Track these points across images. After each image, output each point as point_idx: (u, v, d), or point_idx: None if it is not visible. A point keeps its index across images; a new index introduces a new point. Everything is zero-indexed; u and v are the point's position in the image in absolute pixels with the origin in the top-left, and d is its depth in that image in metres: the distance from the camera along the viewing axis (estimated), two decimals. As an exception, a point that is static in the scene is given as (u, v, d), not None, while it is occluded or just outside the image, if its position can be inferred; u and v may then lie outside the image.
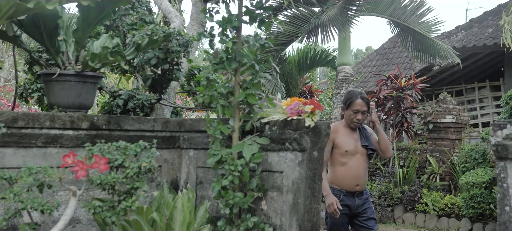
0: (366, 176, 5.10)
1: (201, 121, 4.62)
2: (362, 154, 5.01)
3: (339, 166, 4.98)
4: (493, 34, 13.76)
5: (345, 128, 5.04)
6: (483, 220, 10.03)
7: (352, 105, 4.95)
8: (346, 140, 4.97)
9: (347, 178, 4.95)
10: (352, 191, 4.96)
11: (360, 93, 5.02)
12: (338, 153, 4.96)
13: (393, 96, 12.59)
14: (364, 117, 4.98)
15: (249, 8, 4.00)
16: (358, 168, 4.97)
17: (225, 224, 4.01)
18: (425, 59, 12.98)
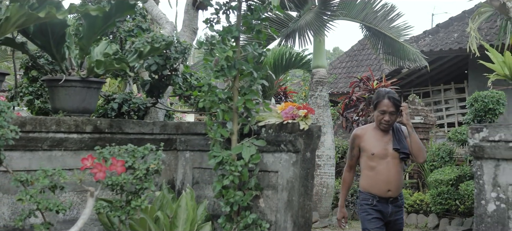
0: (400, 181, 4.69)
1: (198, 124, 4.88)
2: (393, 157, 4.59)
3: (368, 170, 4.68)
4: (458, 39, 14.29)
5: (375, 130, 4.68)
6: (449, 216, 10.48)
7: (379, 106, 4.62)
8: (374, 142, 4.62)
9: (378, 183, 4.60)
10: (385, 197, 4.59)
11: (388, 92, 4.67)
12: (365, 157, 4.67)
13: (365, 98, 13.01)
14: (393, 118, 4.60)
15: (247, 19, 4.27)
16: (389, 172, 4.56)
17: (225, 221, 4.27)
18: (395, 62, 13.38)
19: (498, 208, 3.38)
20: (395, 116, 4.61)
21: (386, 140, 4.63)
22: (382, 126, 4.60)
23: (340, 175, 13.14)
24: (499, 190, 3.38)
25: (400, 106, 4.61)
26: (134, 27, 5.19)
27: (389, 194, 4.59)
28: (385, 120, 4.57)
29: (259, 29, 4.30)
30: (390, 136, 4.66)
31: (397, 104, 4.59)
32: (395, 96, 4.65)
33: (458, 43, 14.07)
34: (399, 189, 4.67)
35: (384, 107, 4.57)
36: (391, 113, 4.57)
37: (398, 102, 4.62)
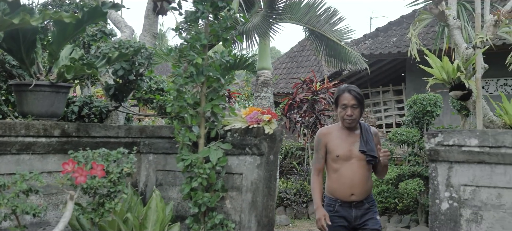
0: (366, 184, 4.38)
1: (163, 128, 5.02)
2: (359, 159, 4.34)
3: (332, 172, 4.43)
4: (396, 43, 14.86)
5: (341, 130, 4.42)
6: (388, 213, 10.97)
7: (339, 100, 4.38)
8: (339, 143, 4.37)
9: (341, 187, 4.34)
10: (348, 201, 4.33)
11: (348, 86, 4.47)
12: (330, 159, 4.41)
13: (309, 99, 13.35)
14: (357, 112, 4.35)
15: (214, 28, 4.46)
16: (353, 175, 4.31)
17: (192, 221, 4.44)
18: (336, 64, 13.80)
19: (451, 207, 3.70)
20: (358, 110, 4.38)
21: (351, 141, 4.38)
22: (346, 122, 4.35)
23: (283, 175, 13.52)
24: (452, 190, 3.70)
25: (362, 100, 4.40)
26: (98, 31, 5.28)
27: (352, 198, 4.32)
28: (347, 115, 4.32)
29: (225, 37, 4.49)
30: (357, 136, 4.40)
31: (358, 98, 4.37)
32: (356, 89, 4.44)
33: (397, 47, 14.65)
34: (364, 192, 4.36)
35: (345, 101, 4.34)
36: (353, 107, 4.33)
37: (359, 95, 4.40)
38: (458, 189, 3.69)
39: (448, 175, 3.71)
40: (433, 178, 3.78)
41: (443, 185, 3.73)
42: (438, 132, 3.77)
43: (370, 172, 4.46)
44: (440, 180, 3.75)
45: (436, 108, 11.05)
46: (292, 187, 12.35)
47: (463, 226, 3.67)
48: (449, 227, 3.70)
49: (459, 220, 3.68)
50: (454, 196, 3.69)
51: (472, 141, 3.60)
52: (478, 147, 3.58)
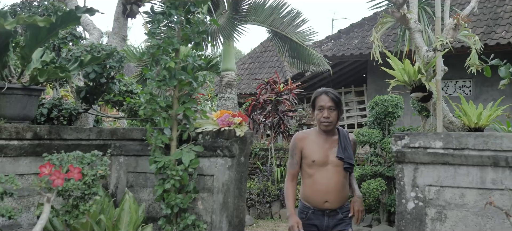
0: (341, 192, 4.26)
1: (134, 130, 5.07)
2: (335, 165, 4.24)
3: (307, 178, 4.31)
4: (358, 45, 15.15)
5: (319, 135, 4.32)
6: (350, 212, 11.16)
7: (317, 102, 4.31)
8: (316, 148, 4.27)
9: (315, 193, 4.23)
10: (321, 209, 4.23)
11: (325, 89, 4.37)
12: (305, 164, 4.30)
13: (272, 100, 13.50)
14: (334, 115, 4.24)
15: (186, 33, 4.54)
16: (328, 181, 4.20)
17: (165, 222, 4.51)
18: (299, 66, 14.00)
19: (416, 206, 3.86)
20: (335, 113, 4.27)
21: (329, 146, 4.28)
22: (322, 124, 4.25)
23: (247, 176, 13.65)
24: (418, 190, 3.86)
25: (339, 103, 4.31)
26: (68, 34, 5.30)
27: (326, 205, 4.21)
28: (324, 117, 4.22)
29: (197, 41, 4.57)
30: (335, 142, 4.31)
31: (335, 100, 4.28)
32: (333, 92, 4.37)
33: (359, 49, 14.93)
34: (339, 201, 4.25)
35: (322, 103, 4.25)
36: (330, 109, 4.23)
37: (336, 98, 4.31)
38: (423, 189, 3.85)
39: (414, 175, 3.87)
40: (400, 178, 3.93)
41: (409, 186, 3.89)
42: (405, 135, 3.93)
43: (346, 179, 4.34)
44: (406, 180, 3.91)
45: (397, 109, 11.32)
46: (256, 187, 12.48)
47: (428, 225, 3.83)
48: (414, 226, 3.86)
49: (424, 219, 3.84)
50: (419, 196, 3.86)
51: (437, 143, 3.77)
52: (442, 149, 3.75)
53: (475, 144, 3.66)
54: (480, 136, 3.65)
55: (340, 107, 4.33)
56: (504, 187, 3.54)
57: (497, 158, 3.60)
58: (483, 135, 3.66)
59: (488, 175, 3.65)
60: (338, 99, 4.33)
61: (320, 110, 4.29)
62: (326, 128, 4.29)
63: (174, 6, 4.44)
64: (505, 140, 3.58)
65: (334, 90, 4.42)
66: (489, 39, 12.91)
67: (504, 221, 3.61)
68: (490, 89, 13.68)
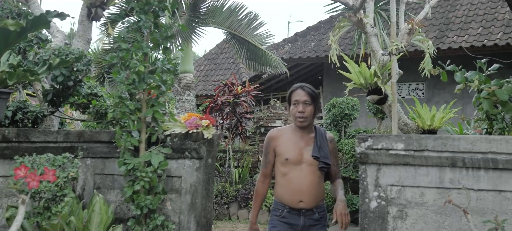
0: (316, 192, 4.17)
1: (101, 132, 5.12)
2: (310, 164, 4.13)
3: (280, 177, 4.20)
4: (315, 48, 15.42)
5: (294, 132, 4.23)
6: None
7: (292, 97, 4.22)
8: (289, 146, 4.17)
9: (288, 192, 4.13)
10: (297, 208, 4.13)
11: (301, 84, 4.29)
12: (279, 162, 4.20)
13: (230, 102, 13.64)
14: (309, 110, 4.14)
15: (155, 37, 4.63)
16: (302, 180, 4.10)
17: (134, 223, 4.58)
18: (257, 68, 14.17)
19: (379, 205, 4.05)
20: (311, 108, 4.17)
21: (304, 144, 4.18)
22: (298, 120, 4.15)
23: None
24: (380, 189, 4.05)
25: (316, 97, 4.22)
26: (34, 37, 5.31)
27: (301, 205, 4.11)
28: (299, 111, 4.12)
29: (166, 46, 4.67)
30: (310, 140, 4.21)
31: (311, 95, 4.18)
32: (309, 86, 4.27)
33: (315, 51, 15.20)
34: (314, 200, 4.16)
35: (297, 97, 4.15)
36: (305, 104, 4.14)
37: (312, 92, 4.22)
38: (385, 188, 4.04)
39: (377, 176, 4.06)
40: (363, 179, 4.12)
41: (372, 185, 4.08)
42: (368, 137, 4.11)
43: (321, 179, 4.23)
44: (369, 180, 4.09)
45: (353, 111, 11.61)
46: (214, 189, 12.56)
47: (390, 223, 4.03)
48: (377, 224, 4.05)
49: (387, 217, 4.03)
50: (382, 195, 4.05)
51: (398, 145, 3.97)
52: (404, 151, 3.95)
53: (435, 145, 3.87)
54: (439, 138, 3.86)
55: (316, 102, 4.22)
56: (462, 186, 3.75)
57: (455, 159, 3.82)
58: (442, 137, 3.87)
59: (446, 175, 3.87)
60: (315, 94, 4.23)
61: (295, 105, 4.17)
62: (301, 124, 4.17)
63: (143, 11, 4.53)
64: (462, 142, 3.80)
65: (310, 85, 4.31)
66: (441, 44, 13.35)
67: (461, 218, 3.83)
68: (442, 92, 14.14)
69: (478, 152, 3.76)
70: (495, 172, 3.75)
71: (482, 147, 3.75)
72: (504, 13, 14.00)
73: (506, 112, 4.50)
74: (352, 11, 8.24)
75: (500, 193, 3.76)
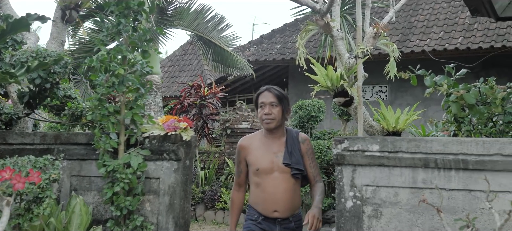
0: (292, 200, 4.09)
1: (78, 135, 5.14)
2: (282, 172, 4.03)
3: (254, 186, 4.14)
4: (280, 50, 15.60)
5: (264, 138, 4.15)
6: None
7: (258, 100, 4.14)
8: (260, 155, 4.07)
9: (263, 202, 4.06)
10: (272, 217, 4.06)
11: (267, 87, 4.20)
12: (251, 172, 4.14)
13: (197, 104, 13.70)
14: (276, 111, 4.04)
15: (133, 40, 4.69)
16: (276, 190, 4.01)
17: (114, 224, 4.63)
18: (224, 70, 14.26)
19: (355, 204, 4.20)
20: (279, 109, 4.08)
21: (274, 151, 4.08)
22: (264, 122, 4.06)
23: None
24: (356, 189, 4.20)
25: (283, 98, 4.14)
26: (9, 39, 5.29)
27: (275, 214, 4.04)
28: (265, 113, 4.03)
29: (144, 49, 4.73)
30: (282, 145, 4.11)
31: (278, 96, 4.10)
32: (276, 88, 4.20)
33: (281, 54, 15.37)
34: (290, 209, 4.08)
35: (263, 99, 4.07)
36: (272, 105, 4.05)
37: (279, 93, 4.14)
38: (361, 189, 4.19)
39: (352, 176, 4.21)
40: (339, 179, 4.26)
41: (348, 186, 4.22)
42: (344, 139, 4.25)
43: (297, 185, 4.16)
44: (345, 181, 4.24)
45: (319, 113, 11.81)
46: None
47: (365, 221, 4.18)
48: (353, 223, 4.20)
49: (362, 216, 4.18)
50: (357, 195, 4.19)
51: (374, 147, 4.12)
52: (379, 152, 4.11)
53: (408, 147, 4.03)
54: (412, 140, 4.03)
55: (284, 103, 4.13)
56: (435, 186, 3.93)
57: (428, 160, 3.99)
58: (415, 139, 4.04)
59: (419, 175, 4.04)
60: (282, 95, 4.14)
61: (261, 107, 4.08)
62: (268, 125, 4.07)
63: (123, 15, 4.58)
64: (434, 144, 3.97)
65: (277, 87, 4.25)
66: (404, 47, 13.68)
67: (433, 216, 4.00)
68: (404, 95, 14.47)
69: (450, 153, 3.94)
70: (465, 172, 3.93)
71: (453, 149, 3.93)
72: (464, 18, 14.42)
73: (473, 115, 4.71)
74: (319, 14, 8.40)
75: (470, 193, 3.94)
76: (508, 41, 12.78)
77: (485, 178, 3.56)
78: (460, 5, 15.05)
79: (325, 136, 11.99)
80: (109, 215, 4.96)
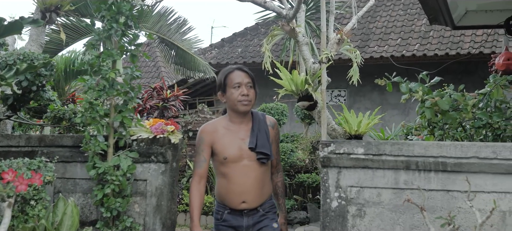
0: (262, 189, 3.83)
1: (63, 137, 5.20)
2: (251, 159, 3.73)
3: (220, 177, 3.84)
4: (242, 54, 15.79)
5: (229, 124, 3.81)
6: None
7: (229, 81, 3.74)
8: (228, 142, 3.73)
9: (230, 193, 3.77)
10: (238, 209, 3.80)
11: (237, 66, 3.90)
12: (217, 161, 3.80)
13: (159, 106, 13.73)
14: (252, 93, 3.79)
15: (122, 44, 4.80)
16: (245, 180, 3.72)
17: (103, 225, 4.71)
18: (185, 72, 14.34)
19: (339, 205, 4.42)
20: (253, 91, 3.83)
21: (242, 137, 3.76)
22: (242, 104, 3.72)
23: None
24: (341, 190, 4.42)
25: (255, 80, 3.89)
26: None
27: (243, 206, 3.78)
28: (243, 95, 3.70)
29: (133, 54, 4.84)
30: (248, 131, 3.79)
31: (252, 77, 3.83)
32: (247, 68, 3.92)
33: (243, 57, 15.56)
34: (258, 198, 3.82)
35: (238, 79, 3.72)
36: (248, 86, 3.77)
37: (252, 75, 3.87)
38: (345, 189, 4.41)
39: (338, 178, 4.42)
40: (325, 181, 4.46)
41: (333, 187, 4.44)
42: (331, 142, 4.46)
43: (267, 172, 3.90)
44: (330, 182, 4.45)
45: (283, 117, 12.04)
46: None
47: (349, 221, 4.40)
48: (338, 222, 4.41)
49: (346, 215, 4.40)
50: (342, 195, 4.41)
51: (359, 150, 4.35)
52: (363, 155, 4.33)
53: (392, 150, 4.28)
54: (396, 143, 4.28)
55: (255, 86, 3.89)
56: (417, 187, 4.18)
57: (409, 162, 4.24)
58: (398, 142, 4.29)
59: (401, 176, 4.29)
60: (254, 77, 3.89)
61: (236, 88, 3.71)
62: (246, 108, 3.75)
63: (114, 19, 4.68)
64: (416, 147, 4.23)
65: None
66: (363, 53, 14.07)
67: (413, 215, 4.26)
68: (363, 99, 14.87)
69: (430, 156, 4.20)
70: (444, 174, 4.20)
71: (433, 152, 4.19)
72: (420, 25, 14.93)
73: (446, 120, 5.01)
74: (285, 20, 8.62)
75: (448, 193, 4.22)
76: (462, 48, 13.34)
77: (466, 179, 3.82)
78: (416, 13, 15.57)
79: (287, 139, 12.23)
80: (94, 216, 5.04)
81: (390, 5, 16.38)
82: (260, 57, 15.21)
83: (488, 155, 4.07)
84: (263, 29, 16.65)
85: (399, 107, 14.34)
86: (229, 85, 3.73)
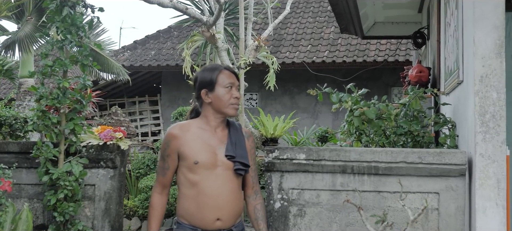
0: (237, 204, 3.16)
1: (10, 144, 5.28)
2: (226, 168, 3.12)
3: (187, 188, 3.08)
4: (155, 56, 15.90)
5: (204, 127, 3.13)
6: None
7: (221, 80, 3.16)
8: (199, 146, 3.08)
9: (202, 208, 3.04)
10: (212, 230, 3.06)
11: (223, 65, 3.53)
12: (185, 167, 3.09)
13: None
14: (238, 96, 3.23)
15: (74, 55, 4.97)
16: (220, 191, 3.07)
17: (55, 230, 4.87)
18: (97, 74, 14.31)
19: (282, 205, 4.83)
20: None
21: (217, 142, 3.15)
22: (234, 107, 3.18)
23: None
24: (283, 192, 4.83)
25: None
26: None
27: (217, 225, 3.07)
28: (236, 97, 3.16)
29: (85, 63, 5.03)
30: (224, 136, 3.21)
31: (237, 76, 3.30)
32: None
33: (156, 60, 15.68)
34: (234, 216, 3.15)
35: (231, 79, 3.17)
36: (238, 89, 3.25)
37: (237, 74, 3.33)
38: (287, 191, 4.83)
39: (280, 181, 4.84)
40: (268, 184, 4.86)
41: (276, 189, 4.84)
42: (275, 149, 4.87)
43: (240, 187, 3.26)
44: (274, 185, 4.85)
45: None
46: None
47: (291, 220, 4.82)
48: (280, 221, 4.83)
49: (288, 215, 4.82)
50: (284, 197, 4.83)
51: (301, 155, 4.78)
52: (305, 160, 4.76)
53: (330, 155, 4.74)
54: (334, 150, 4.75)
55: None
56: (353, 189, 4.67)
57: (345, 167, 4.72)
58: (336, 149, 4.77)
59: (338, 179, 4.76)
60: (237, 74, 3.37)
61: (228, 88, 3.18)
62: (236, 112, 3.25)
63: (68, 31, 4.85)
64: (352, 153, 4.72)
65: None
66: (275, 58, 14.61)
67: (349, 214, 4.74)
68: (273, 103, 15.44)
69: (364, 161, 4.70)
70: (376, 177, 4.72)
71: (367, 157, 4.70)
72: (329, 33, 15.70)
73: (371, 128, 5.55)
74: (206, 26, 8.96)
75: (379, 193, 4.74)
76: (368, 56, 14.20)
77: (399, 181, 4.35)
78: (324, 21, 16.34)
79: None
80: (40, 221, 5.17)
81: (300, 13, 17.07)
82: (174, 61, 15.41)
83: (414, 159, 4.63)
84: (176, 32, 16.86)
85: (309, 111, 15.06)
86: (220, 84, 3.15)
